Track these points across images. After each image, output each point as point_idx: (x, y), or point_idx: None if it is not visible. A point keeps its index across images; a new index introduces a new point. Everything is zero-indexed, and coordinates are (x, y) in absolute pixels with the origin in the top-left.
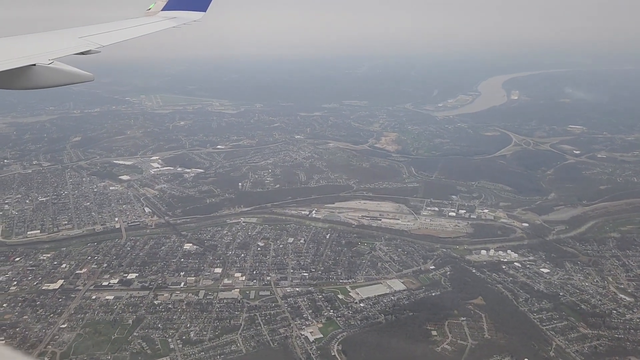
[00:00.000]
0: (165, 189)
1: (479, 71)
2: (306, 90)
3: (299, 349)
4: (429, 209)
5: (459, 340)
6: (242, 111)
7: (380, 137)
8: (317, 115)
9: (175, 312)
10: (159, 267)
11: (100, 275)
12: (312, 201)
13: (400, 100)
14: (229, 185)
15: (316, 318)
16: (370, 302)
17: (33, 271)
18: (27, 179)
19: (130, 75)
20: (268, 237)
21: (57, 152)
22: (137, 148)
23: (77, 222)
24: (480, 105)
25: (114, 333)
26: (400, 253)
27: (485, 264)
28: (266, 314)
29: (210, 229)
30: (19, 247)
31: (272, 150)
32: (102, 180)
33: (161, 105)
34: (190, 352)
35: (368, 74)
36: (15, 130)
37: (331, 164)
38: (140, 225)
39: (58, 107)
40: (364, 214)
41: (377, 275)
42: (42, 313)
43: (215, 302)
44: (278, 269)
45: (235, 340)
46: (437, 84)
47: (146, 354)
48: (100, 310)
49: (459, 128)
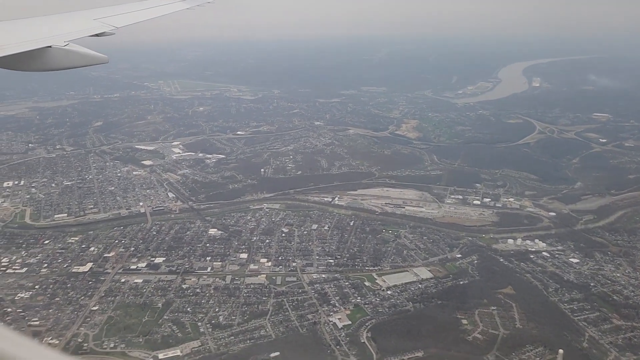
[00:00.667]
0: (187, 175)
1: (498, 57)
2: (324, 77)
3: (328, 335)
4: (452, 197)
5: (490, 330)
6: (260, 97)
7: (400, 124)
8: (336, 102)
9: (203, 297)
10: (185, 252)
11: (128, 259)
12: (334, 188)
13: (419, 87)
14: (250, 171)
15: (344, 305)
16: (397, 289)
17: (62, 254)
18: (51, 163)
19: (147, 61)
20: (292, 223)
21: (79, 136)
22: (158, 133)
23: (102, 206)
24: (501, 92)
25: (145, 316)
26: (425, 241)
27: (513, 253)
28: (293, 300)
29: (234, 215)
30: (48, 230)
31: (292, 136)
32: (125, 165)
33: (179, 91)
34: (220, 336)
35: (386, 60)
36: (38, 115)
37: (352, 150)
38: (165, 210)
39: (78, 92)
40: (387, 202)
41: (403, 263)
42: (73, 295)
43: (243, 287)
44: (303, 255)
45: (264, 325)
46: (456, 70)
47: (177, 337)
48: (130, 293)
49: (480, 115)
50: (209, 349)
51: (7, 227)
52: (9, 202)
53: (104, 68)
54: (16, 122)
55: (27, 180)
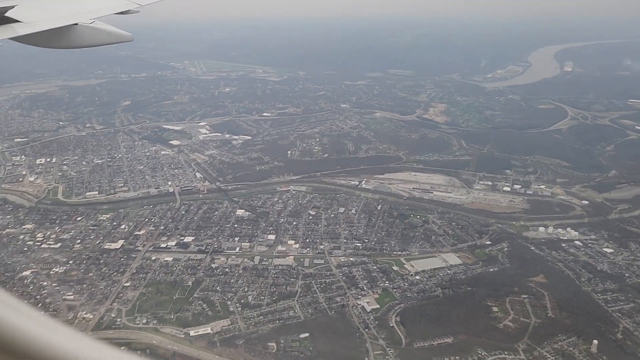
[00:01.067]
0: (214, 155)
1: (529, 41)
2: (349, 58)
3: (357, 318)
4: (481, 182)
5: (522, 318)
6: (285, 78)
7: (428, 107)
8: (362, 84)
9: (232, 276)
10: (214, 232)
11: (158, 237)
12: (361, 171)
13: (446, 70)
14: (277, 153)
15: (372, 288)
16: (425, 275)
17: (95, 230)
18: (82, 141)
19: (172, 41)
20: (319, 206)
21: (108, 115)
22: (185, 113)
23: (132, 184)
24: (531, 76)
25: (175, 293)
26: (454, 227)
27: (544, 241)
28: (321, 282)
29: (261, 196)
30: (80, 207)
31: (318, 119)
32: (153, 144)
33: (205, 71)
34: (250, 316)
35: (412, 42)
36: (67, 93)
37: (379, 134)
38: (193, 190)
39: (106, 71)
40: (415, 186)
41: (432, 249)
42: (106, 271)
43: (271, 268)
44: (330, 238)
45: (292, 307)
46: (485, 53)
47: (207, 315)
48: (161, 271)
49: (510, 100)
50: (238, 327)
51: (40, 203)
52: (41, 179)
53: (131, 48)
54: (47, 100)
55: (59, 158)
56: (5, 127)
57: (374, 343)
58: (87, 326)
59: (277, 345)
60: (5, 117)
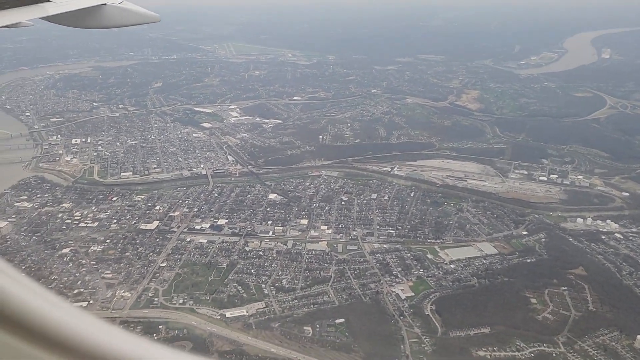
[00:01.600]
0: (246, 138)
1: (564, 26)
2: (378, 43)
3: (391, 305)
4: (517, 171)
5: (561, 310)
6: (315, 63)
7: (460, 94)
8: (392, 69)
9: (266, 260)
10: (247, 215)
11: (192, 219)
12: (393, 158)
13: (479, 56)
14: (308, 138)
15: (406, 276)
16: (460, 264)
17: (130, 211)
18: (115, 122)
19: (201, 23)
20: (351, 191)
21: (140, 97)
22: (216, 96)
23: (165, 166)
24: (567, 63)
25: (210, 275)
26: (489, 216)
27: (583, 233)
28: (355, 268)
29: (293, 181)
30: (115, 187)
31: (348, 103)
32: (185, 126)
33: (234, 54)
34: (284, 299)
35: (443, 26)
36: (100, 74)
37: (411, 120)
38: (225, 173)
39: (137, 53)
40: (448, 174)
41: (466, 237)
42: (142, 251)
43: (304, 253)
44: (363, 224)
45: (326, 292)
46: (519, 39)
47: (242, 297)
48: (196, 252)
49: (545, 88)
50: (273, 310)
51: (77, 183)
52: (77, 159)
53: (160, 30)
54: (80, 81)
55: (94, 138)
56: (41, 107)
57: (409, 331)
58: (125, 304)
59: (313, 330)
60: (41, 97)
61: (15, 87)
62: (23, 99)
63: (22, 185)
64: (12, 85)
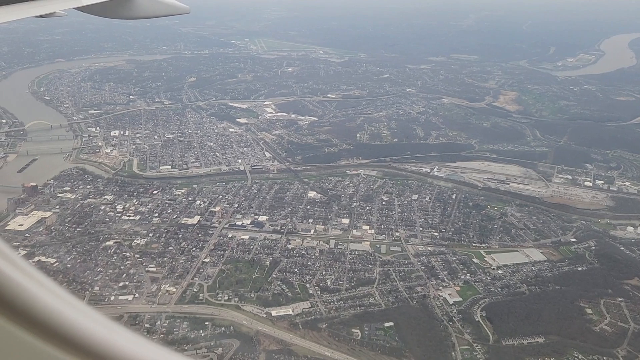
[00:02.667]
0: (282, 135)
1: (598, 28)
2: (410, 41)
3: (439, 310)
4: (560, 176)
5: (619, 322)
6: (347, 60)
7: (497, 95)
8: (426, 68)
9: (309, 259)
10: (287, 213)
11: (233, 215)
12: (431, 158)
13: (513, 57)
14: (345, 136)
15: (452, 280)
16: (508, 269)
17: (171, 205)
18: (152, 115)
19: (231, 18)
20: (391, 191)
21: (175, 91)
22: (250, 92)
23: (203, 161)
24: (605, 66)
25: (254, 272)
26: (534, 221)
27: (634, 241)
28: (400, 271)
29: (332, 179)
30: (155, 180)
31: (384, 102)
32: (221, 121)
33: (265, 50)
34: (329, 300)
35: (475, 26)
36: (135, 68)
37: (448, 120)
38: (263, 169)
39: (170, 47)
40: (489, 176)
41: (512, 242)
42: (185, 246)
43: (347, 253)
44: (406, 225)
45: (372, 294)
46: (553, 40)
47: (287, 296)
48: (238, 249)
49: (585, 90)
50: (319, 311)
51: (117, 175)
52: (117, 151)
53: (191, 24)
54: (116, 74)
55: (132, 131)
56: (79, 98)
57: (459, 337)
58: (170, 299)
59: (362, 332)
60: (78, 89)
61: (53, 78)
62: (61, 90)
63: (64, 176)
64: (50, 76)
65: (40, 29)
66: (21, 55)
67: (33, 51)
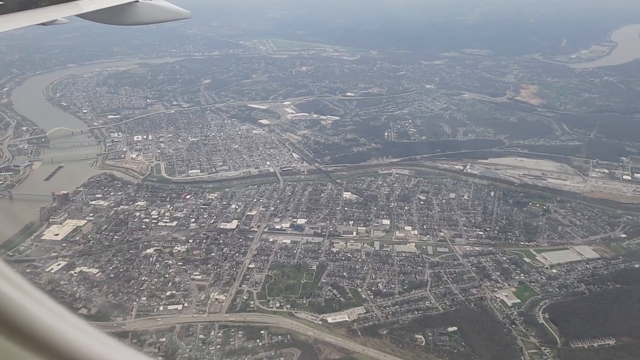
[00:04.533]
0: (308, 135)
1: (608, 18)
2: (419, 37)
3: (498, 312)
4: (597, 170)
5: None
6: (359, 58)
7: (518, 89)
8: (441, 64)
9: (356, 262)
10: (325, 215)
11: (270, 219)
12: (462, 155)
13: (526, 50)
14: (372, 135)
15: (507, 281)
16: (562, 268)
17: (206, 209)
18: (171, 118)
19: (235, 19)
20: (427, 190)
21: (192, 93)
22: (267, 92)
23: (231, 164)
24: (620, 57)
25: (302, 277)
26: (580, 217)
27: None
28: (451, 272)
29: (364, 179)
30: (185, 185)
31: (404, 99)
32: (242, 123)
33: (275, 50)
34: (384, 304)
35: (482, 20)
36: (149, 71)
37: (473, 116)
38: (293, 171)
39: (179, 49)
40: (525, 172)
41: (561, 240)
42: (227, 252)
43: (394, 255)
44: (448, 225)
45: (426, 297)
46: (563, 32)
47: (340, 302)
48: (281, 253)
49: (606, 82)
50: (376, 316)
51: (147, 181)
52: (142, 156)
53: (198, 26)
54: (130, 78)
55: (154, 135)
56: (96, 103)
57: (525, 340)
58: (221, 308)
59: (425, 338)
60: (94, 94)
61: (67, 84)
62: (77, 96)
63: (93, 183)
64: (64, 82)
65: (48, 35)
66: (32, 61)
67: (44, 57)
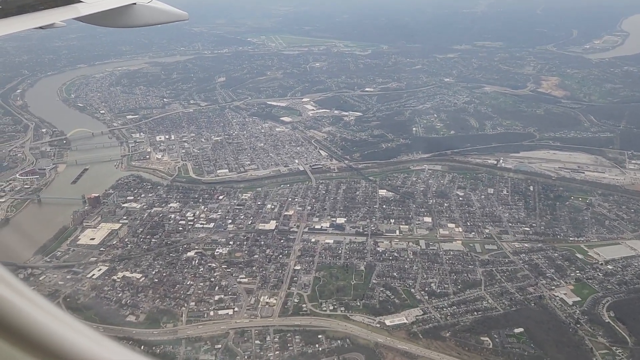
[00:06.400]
0: (333, 132)
1: (615, 7)
2: (428, 31)
3: (560, 311)
4: (633, 162)
5: None
6: (371, 53)
7: (539, 81)
8: (455, 57)
9: (404, 261)
10: (364, 213)
11: (309, 218)
12: (493, 150)
13: (538, 42)
14: (398, 130)
15: (563, 278)
16: (617, 264)
17: (241, 210)
18: (191, 117)
19: (241, 16)
20: (464, 186)
21: (208, 91)
22: (284, 89)
23: (259, 162)
24: (635, 46)
25: (352, 278)
26: (626, 210)
27: None
28: (503, 270)
29: (397, 175)
30: (216, 185)
31: (425, 93)
32: (264, 121)
33: (285, 46)
34: (441, 305)
35: (489, 12)
36: (161, 70)
37: (498, 109)
38: (323, 169)
39: (188, 48)
40: (560, 166)
41: (611, 235)
42: (270, 253)
43: (442, 254)
44: (492, 221)
45: (483, 297)
46: (573, 23)
47: (394, 303)
48: (326, 254)
49: (627, 72)
50: (434, 318)
51: (175, 181)
52: (167, 156)
53: (203, 24)
54: (144, 77)
55: (177, 135)
56: (113, 104)
57: (593, 340)
58: (272, 312)
59: (492, 340)
60: (109, 94)
61: (80, 84)
62: (92, 96)
63: (122, 185)
64: (77, 83)
65: (54, 36)
66: (42, 62)
67: (53, 58)
